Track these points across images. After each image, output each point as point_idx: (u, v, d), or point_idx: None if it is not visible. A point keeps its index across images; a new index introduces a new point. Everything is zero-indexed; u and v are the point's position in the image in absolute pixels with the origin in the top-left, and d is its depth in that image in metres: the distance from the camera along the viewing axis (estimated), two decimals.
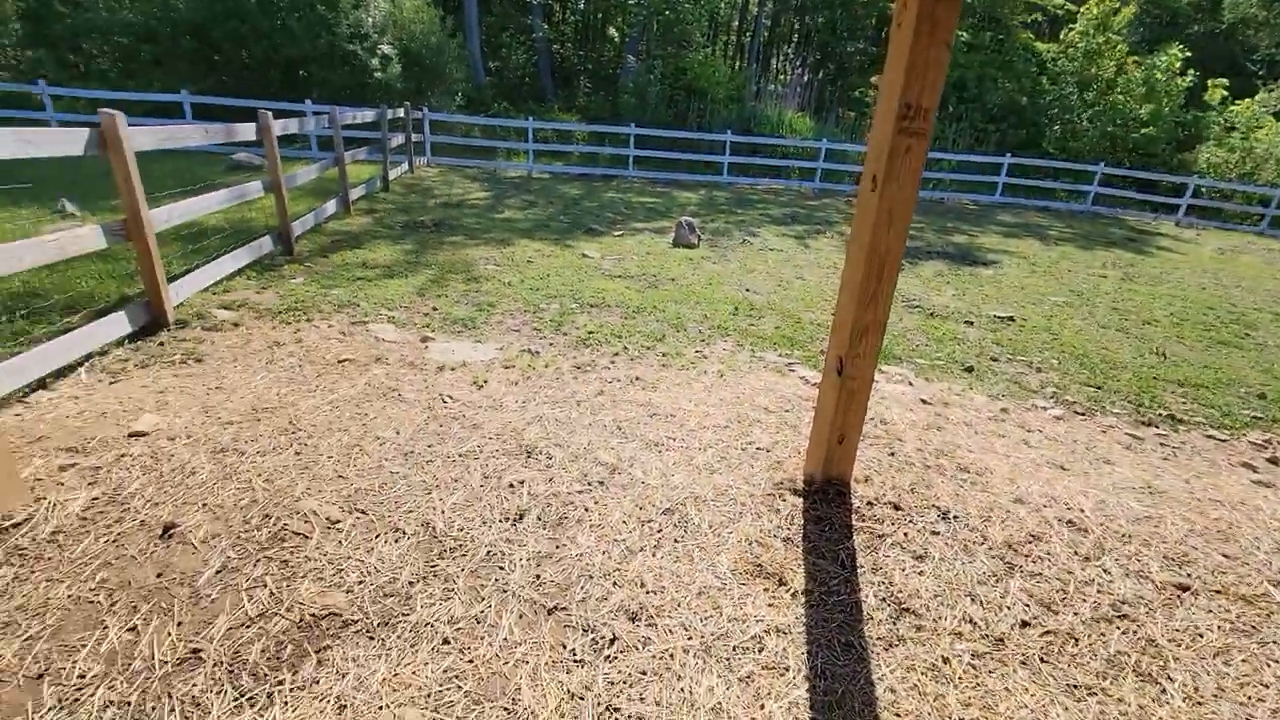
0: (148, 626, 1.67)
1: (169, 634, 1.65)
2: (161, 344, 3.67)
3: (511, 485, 2.44)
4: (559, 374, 3.76)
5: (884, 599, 1.96)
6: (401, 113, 11.26)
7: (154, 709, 1.45)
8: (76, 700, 1.46)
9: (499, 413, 3.11)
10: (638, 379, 3.79)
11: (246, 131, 5.23)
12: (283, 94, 13.60)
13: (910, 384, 4.20)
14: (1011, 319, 6.16)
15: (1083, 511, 2.50)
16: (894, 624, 1.87)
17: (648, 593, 1.94)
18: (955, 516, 2.38)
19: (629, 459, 2.74)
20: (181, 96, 12.30)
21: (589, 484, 2.52)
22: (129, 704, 1.46)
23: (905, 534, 2.26)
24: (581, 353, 4.21)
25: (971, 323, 5.91)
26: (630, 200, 11.74)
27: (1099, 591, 2.04)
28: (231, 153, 11.46)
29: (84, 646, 1.60)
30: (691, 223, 8.36)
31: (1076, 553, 2.24)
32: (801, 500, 2.45)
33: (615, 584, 1.96)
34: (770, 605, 1.93)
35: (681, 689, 1.61)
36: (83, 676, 1.52)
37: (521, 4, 24.45)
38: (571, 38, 27.78)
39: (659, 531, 2.25)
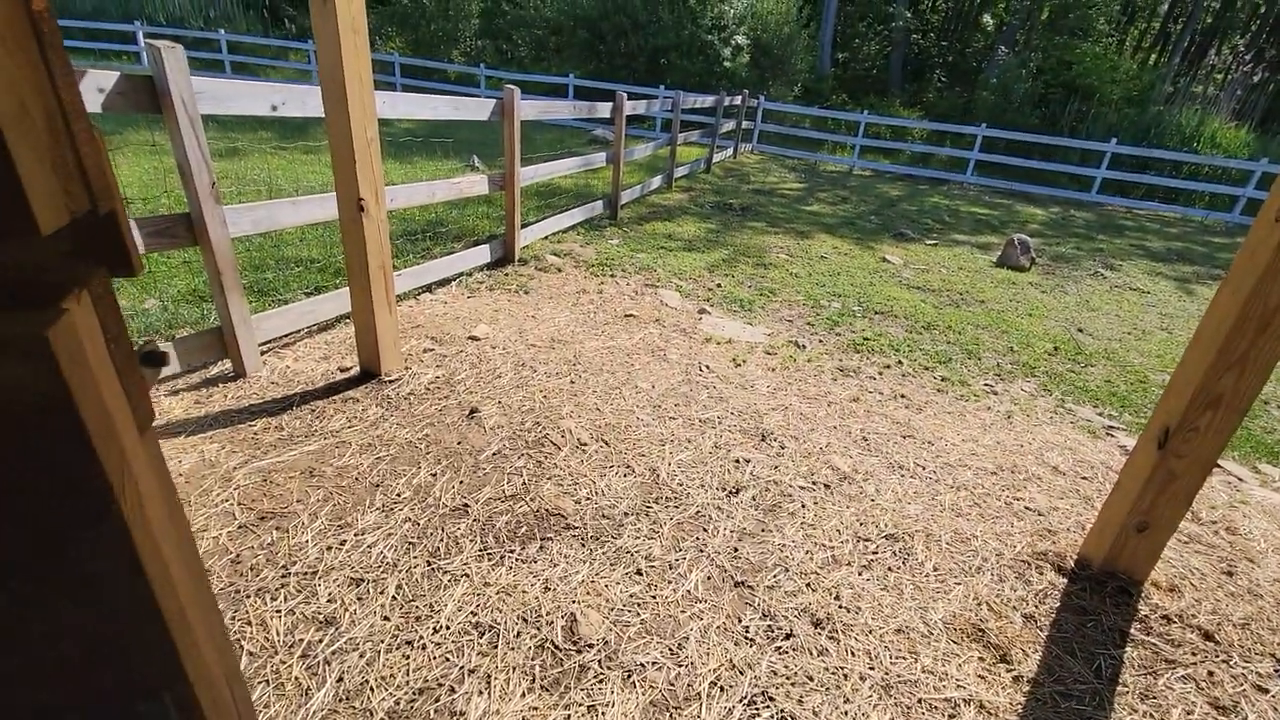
0: (442, 476, 2.20)
1: (453, 487, 2.15)
2: (506, 274, 4.59)
3: (738, 461, 2.52)
4: (819, 372, 3.67)
5: None
6: (739, 100, 11.82)
7: (431, 535, 1.92)
8: (391, 509, 2.01)
9: (747, 393, 3.20)
10: (903, 396, 3.50)
11: (603, 109, 6.11)
12: (645, 80, 15.38)
13: None
14: None
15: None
16: None
17: (840, 606, 1.84)
18: None
19: (864, 472, 2.58)
20: (568, 79, 14.80)
21: (814, 483, 2.45)
22: (419, 525, 1.96)
23: (1210, 674, 1.72)
24: (849, 357, 4.03)
25: None
26: (957, 208, 10.55)
27: None
28: (593, 128, 13.44)
29: (403, 476, 2.18)
30: (1027, 241, 7.18)
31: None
32: (1065, 581, 2.03)
33: (809, 585, 1.91)
34: (981, 678, 1.68)
35: (845, 712, 1.52)
36: (398, 496, 2.08)
37: None
38: (936, 27, 25.57)
39: (874, 553, 2.10)
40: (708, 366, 3.43)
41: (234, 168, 6.87)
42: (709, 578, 1.88)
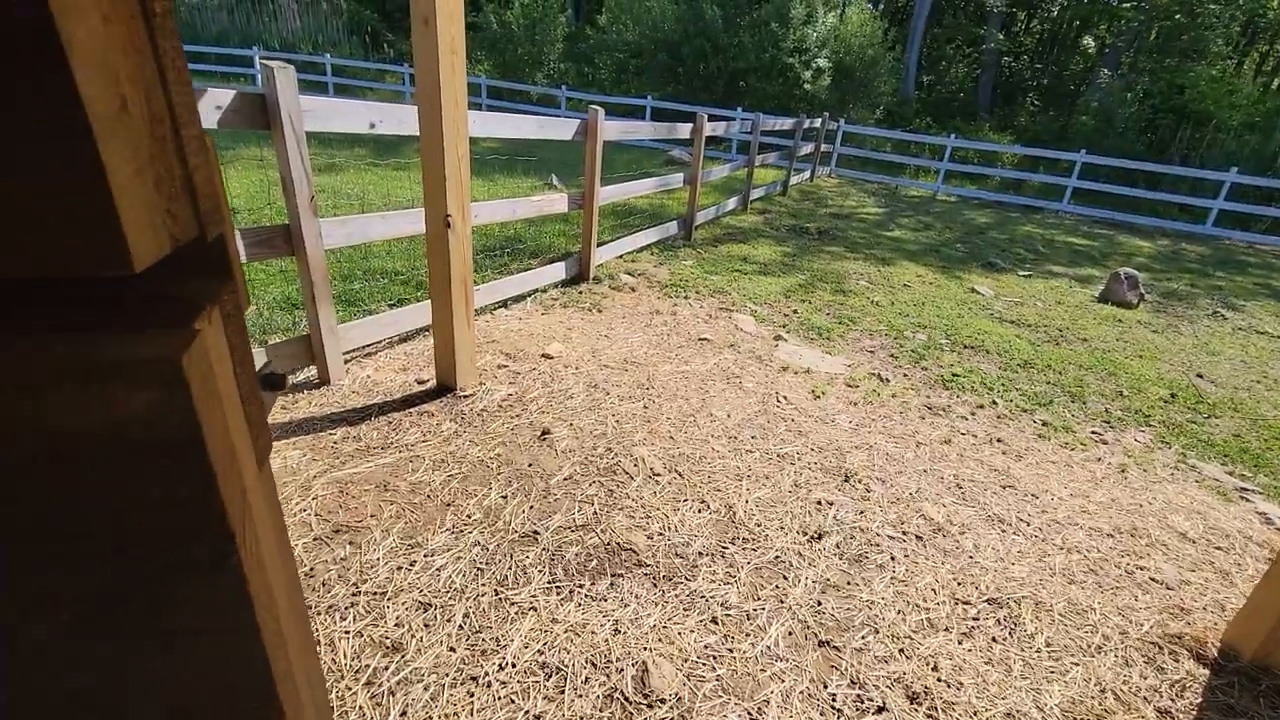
0: (512, 500, 2.14)
1: (523, 512, 2.09)
2: (580, 292, 4.59)
3: (819, 503, 2.35)
4: (904, 408, 3.44)
5: None
6: (818, 123, 11.61)
7: (500, 561, 1.86)
8: (461, 531, 1.97)
9: (828, 428, 3.02)
10: (999, 440, 3.22)
11: (683, 130, 6.08)
12: (723, 101, 15.39)
13: None
14: None
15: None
16: None
17: (939, 680, 1.65)
18: None
19: (960, 524, 2.36)
20: (645, 100, 14.98)
21: (904, 533, 2.26)
22: (487, 550, 1.90)
23: None
24: (937, 394, 3.76)
25: None
26: (1052, 238, 9.91)
27: None
28: (669, 149, 13.52)
29: (474, 497, 2.14)
30: (1135, 276, 6.62)
31: None
32: (1207, 673, 1.75)
33: (902, 651, 1.73)
34: None
35: None
36: (469, 517, 2.04)
37: (979, 13, 22.48)
38: (1030, 49, 24.47)
39: (975, 620, 1.89)
40: (786, 397, 3.27)
41: (331, 182, 7.26)
42: (790, 633, 1.73)
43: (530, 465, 2.35)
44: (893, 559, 2.11)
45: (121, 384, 0.30)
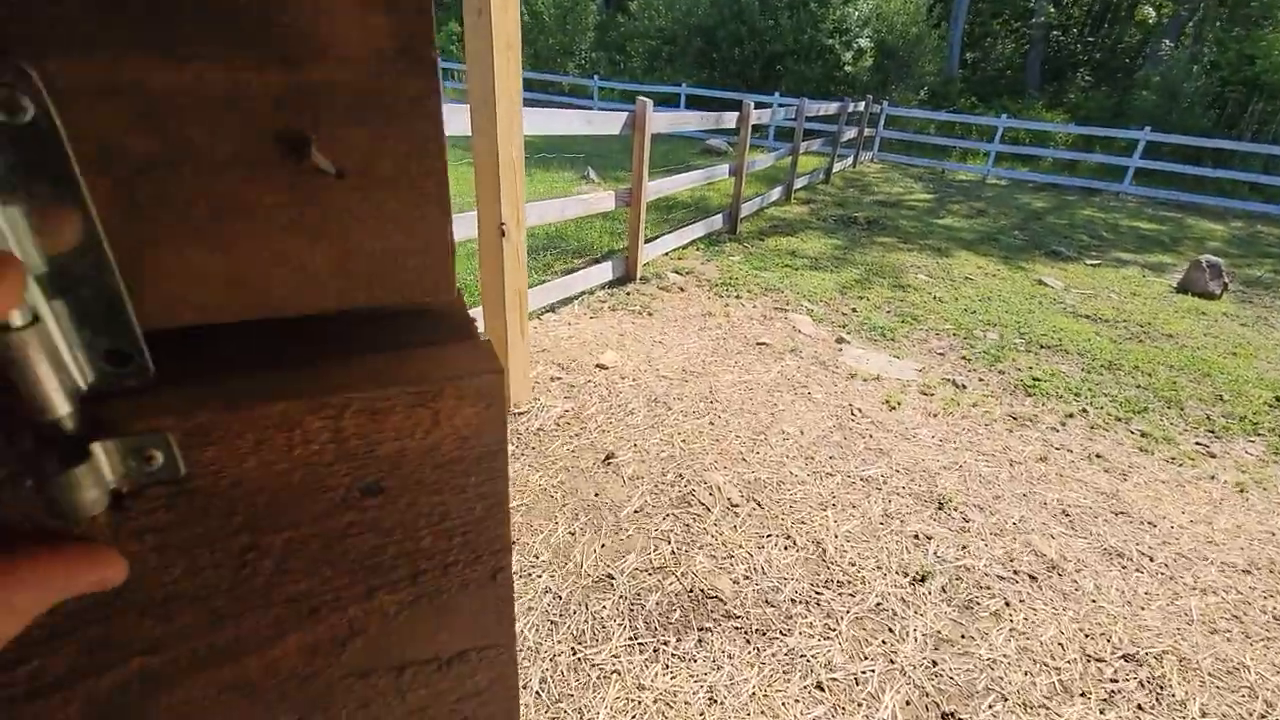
0: (581, 536, 1.97)
1: (594, 550, 1.91)
2: (628, 293, 4.39)
3: (916, 537, 2.12)
4: (989, 419, 3.17)
5: None
6: (862, 106, 11.15)
7: (574, 612, 1.69)
8: (531, 575, 1.80)
9: (911, 444, 2.77)
10: (1098, 456, 2.93)
11: (729, 119, 5.81)
12: (759, 87, 14.96)
13: None
14: None
15: None
16: None
17: None
18: None
19: (1076, 561, 2.11)
20: (680, 88, 14.64)
21: (1015, 573, 2.02)
22: (560, 598, 1.73)
23: None
24: (1020, 401, 3.48)
25: None
26: (1116, 222, 9.35)
27: None
28: (706, 138, 13.17)
29: (540, 533, 1.98)
30: (1218, 264, 6.14)
31: None
32: None
33: None
34: None
35: None
36: (537, 558, 1.87)
37: None
38: (1081, 21, 23.25)
39: (1113, 681, 1.65)
40: (859, 409, 3.04)
41: None
42: (908, 703, 1.52)
43: (596, 495, 2.17)
44: (1007, 604, 1.87)
45: (452, 400, 0.30)
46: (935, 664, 1.64)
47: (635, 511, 2.10)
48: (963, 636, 1.74)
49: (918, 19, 15.25)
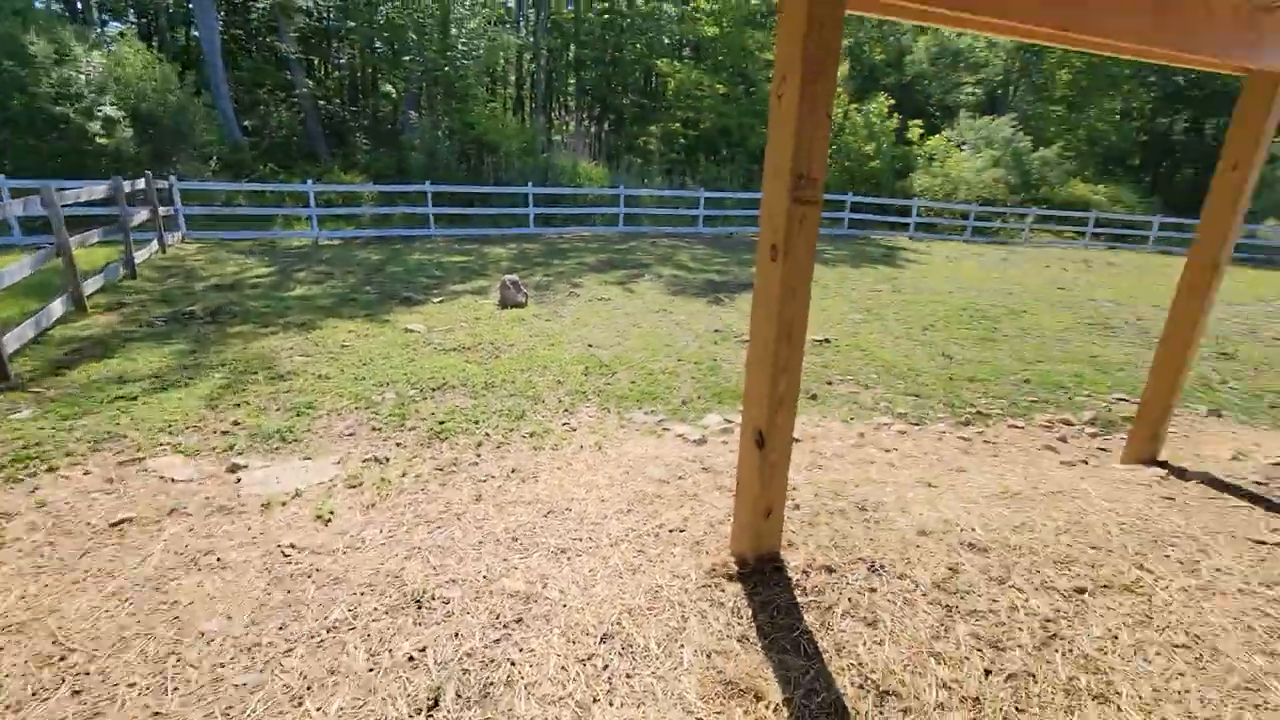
0: None
1: None
2: None
3: (411, 658, 1.94)
4: (421, 483, 3.23)
5: (861, 685, 1.86)
6: (142, 183, 9.44)
7: None
8: None
9: (363, 553, 2.54)
10: (514, 471, 3.40)
11: None
12: None
13: None
14: (827, 340, 6.79)
15: (974, 530, 2.68)
16: (881, 712, 1.76)
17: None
18: (881, 566, 2.40)
19: (540, 579, 2.37)
20: None
21: (504, 626, 2.10)
22: None
23: (850, 600, 2.21)
24: (439, 449, 3.69)
25: None
26: (440, 261, 11.09)
27: (1026, 615, 2.16)
28: None
29: None
30: (516, 281, 8.07)
31: (990, 577, 2.37)
32: (740, 586, 2.29)
33: None
34: None
35: None
36: None
37: (276, 60, 22.42)
38: (339, 93, 26.06)
39: (605, 668, 1.93)
40: (291, 546, 2.58)
41: None
42: None
43: None
44: (513, 664, 1.93)
45: None
46: None
47: None
48: None
49: (171, 86, 13.85)
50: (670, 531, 2.71)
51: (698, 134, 23.28)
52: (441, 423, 4.10)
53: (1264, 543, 2.66)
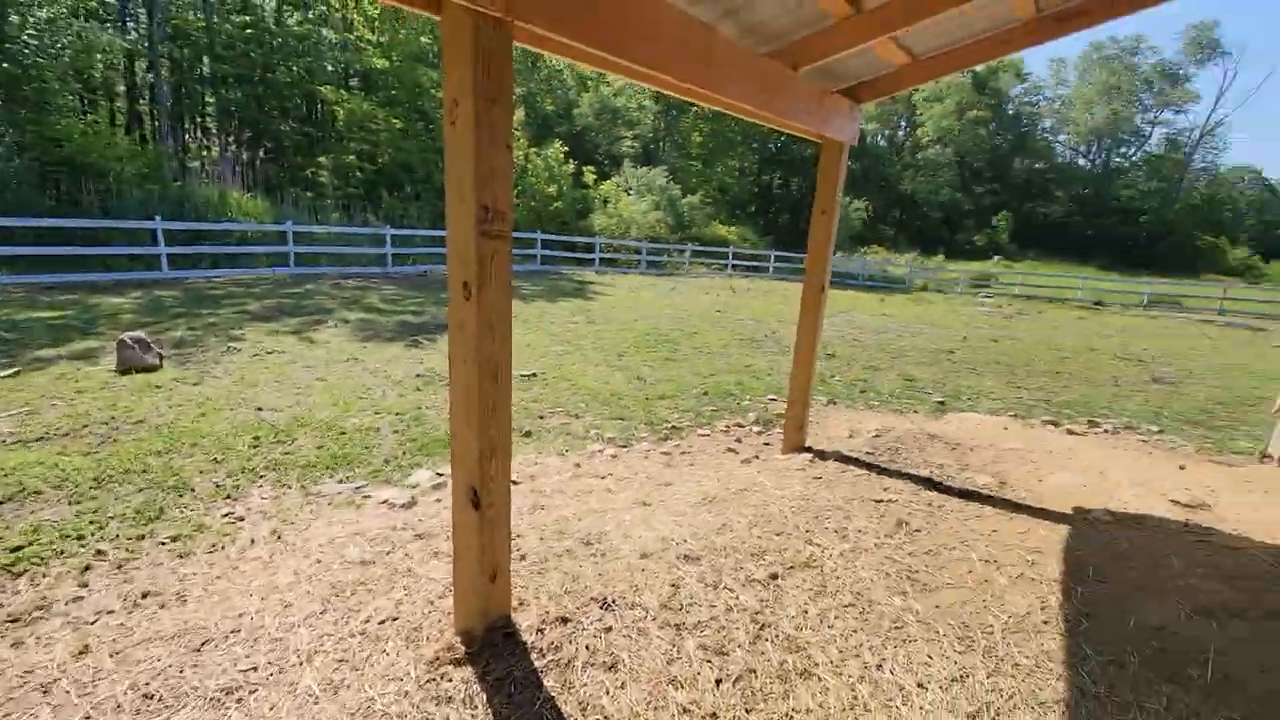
0: None
1: None
2: None
3: None
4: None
5: None
6: None
7: None
8: None
9: None
10: (146, 596, 2.53)
11: None
12: None
13: None
14: (534, 375, 6.83)
15: (686, 542, 2.86)
16: None
17: None
18: (613, 601, 2.37)
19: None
20: None
21: None
22: None
23: (588, 648, 2.11)
24: (11, 594, 2.55)
25: None
26: (14, 319, 8.13)
27: (739, 612, 2.34)
28: None
29: None
30: (142, 338, 6.30)
31: (706, 583, 2.53)
32: (471, 669, 2.01)
33: None
34: None
35: None
36: None
37: None
38: None
39: None
40: None
41: None
42: None
43: None
44: None
45: None
46: None
47: None
48: None
49: None
50: (381, 623, 2.29)
51: (377, 169, 21.83)
52: (20, 549, 2.86)
53: (881, 501, 3.41)
